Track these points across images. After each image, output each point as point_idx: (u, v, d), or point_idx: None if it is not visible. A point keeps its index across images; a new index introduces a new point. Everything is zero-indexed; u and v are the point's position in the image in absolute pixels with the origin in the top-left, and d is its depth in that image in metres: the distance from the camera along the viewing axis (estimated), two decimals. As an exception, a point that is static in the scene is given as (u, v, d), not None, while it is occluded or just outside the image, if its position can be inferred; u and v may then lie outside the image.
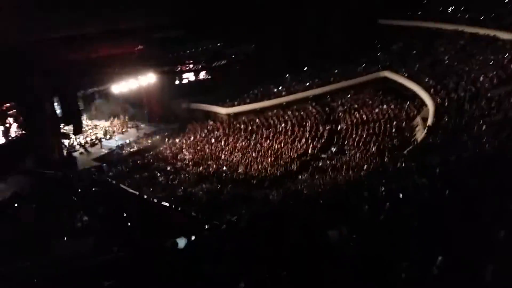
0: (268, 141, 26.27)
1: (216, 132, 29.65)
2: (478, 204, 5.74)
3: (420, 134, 20.75)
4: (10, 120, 22.88)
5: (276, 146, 25.23)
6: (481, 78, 21.83)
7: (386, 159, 19.19)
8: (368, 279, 4.22)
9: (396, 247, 4.55)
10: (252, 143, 26.52)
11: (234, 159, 25.01)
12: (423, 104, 24.12)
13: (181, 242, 7.72)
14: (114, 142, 30.03)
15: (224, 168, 24.12)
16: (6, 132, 22.50)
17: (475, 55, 25.11)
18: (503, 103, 17.50)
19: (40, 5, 20.44)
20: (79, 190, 19.67)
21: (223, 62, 35.04)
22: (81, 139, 29.59)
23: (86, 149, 28.60)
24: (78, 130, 27.22)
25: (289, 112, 29.21)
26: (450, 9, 30.84)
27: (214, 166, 24.52)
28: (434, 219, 5.09)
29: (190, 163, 25.55)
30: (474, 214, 5.28)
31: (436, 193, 6.66)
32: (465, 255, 4.03)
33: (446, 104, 21.27)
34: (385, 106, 26.11)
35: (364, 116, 25.77)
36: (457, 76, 23.97)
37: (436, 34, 29.72)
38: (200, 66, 35.12)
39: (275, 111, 30.07)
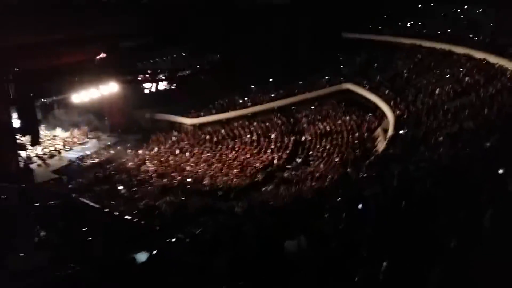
0: (234, 152, 26.23)
1: (180, 143, 29.31)
2: (433, 212, 5.93)
3: (381, 145, 21.32)
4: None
5: (241, 157, 25.21)
6: (438, 91, 22.79)
7: (348, 170, 19.55)
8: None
9: (352, 256, 4.62)
10: (218, 154, 26.40)
11: (199, 170, 24.75)
12: (383, 115, 24.85)
13: (141, 257, 7.52)
14: (74, 154, 29.04)
15: (189, 179, 23.81)
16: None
17: (432, 69, 26.24)
18: (458, 115, 18.31)
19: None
20: (37, 204, 18.87)
21: (188, 72, 34.82)
22: (39, 150, 28.43)
23: (44, 161, 27.48)
24: (35, 141, 26.16)
25: (255, 123, 29.34)
26: (408, 24, 32.20)
27: (179, 178, 24.15)
28: (389, 227, 5.21)
29: (154, 175, 25.03)
30: (428, 222, 5.43)
31: (393, 201, 6.83)
32: (412, 261, 4.14)
33: (405, 116, 22.01)
34: (347, 118, 26.72)
35: (327, 127, 26.26)
36: (415, 89, 24.93)
37: (396, 48, 30.86)
38: (164, 76, 34.74)
39: (240, 121, 30.13)
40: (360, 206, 6.42)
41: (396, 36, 31.21)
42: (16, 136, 25.76)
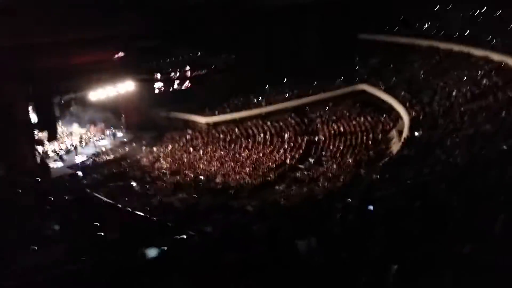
0: (247, 151, 26.28)
1: (194, 141, 29.48)
2: (448, 216, 5.85)
3: (395, 146, 21.13)
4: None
5: (254, 156, 25.25)
6: (455, 93, 22.45)
7: (362, 171, 19.43)
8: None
9: (361, 258, 4.59)
10: (231, 153, 26.48)
11: (212, 168, 24.89)
12: (399, 117, 24.60)
13: (152, 252, 7.58)
14: (90, 150, 29.48)
15: (202, 177, 23.96)
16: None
17: (449, 71, 25.85)
18: (475, 118, 18.02)
19: (16, 10, 20.08)
20: (52, 198, 19.20)
21: (203, 71, 34.99)
22: (56, 146, 28.93)
23: (61, 157, 27.95)
24: (52, 137, 26.61)
25: (268, 123, 29.32)
26: (426, 25, 31.77)
27: (192, 175, 24.32)
28: (403, 230, 5.17)
29: (167, 172, 25.28)
30: (443, 226, 5.36)
31: (408, 204, 6.76)
32: (426, 266, 4.10)
33: (421, 117, 21.76)
34: (362, 119, 26.53)
35: (341, 128, 26.12)
36: (431, 90, 24.61)
37: (412, 50, 30.50)
38: (180, 75, 34.96)
39: (254, 121, 30.14)
40: (371, 207, 6.38)
41: (413, 38, 30.85)
42: (34, 132, 26.25)
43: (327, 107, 29.54)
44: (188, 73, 35.45)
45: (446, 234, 5.11)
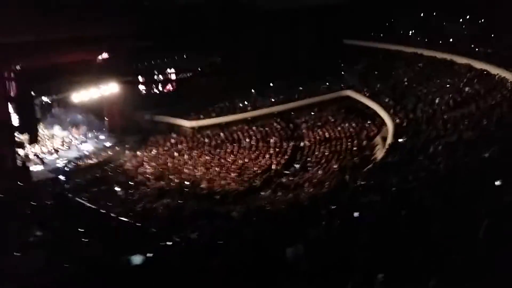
0: (232, 156, 26.21)
1: (179, 145, 29.26)
2: (431, 223, 5.92)
3: (379, 153, 21.34)
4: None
5: (240, 162, 25.19)
6: (438, 100, 22.86)
7: (346, 177, 19.55)
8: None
9: (345, 264, 4.61)
10: (216, 158, 26.36)
11: (197, 173, 24.71)
12: (383, 123, 24.90)
13: (137, 259, 7.48)
14: (72, 153, 28.97)
15: (187, 183, 23.76)
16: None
17: (433, 78, 26.34)
18: (458, 125, 18.35)
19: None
20: (33, 203, 18.81)
21: (188, 74, 34.84)
22: (36, 149, 28.35)
23: (42, 160, 27.40)
24: (33, 140, 26.07)
25: (254, 128, 29.34)
26: (410, 32, 32.35)
27: (176, 180, 24.10)
28: (385, 236, 5.21)
29: (151, 177, 24.98)
30: (426, 232, 5.42)
31: (391, 210, 6.82)
32: (408, 272, 4.13)
33: (404, 124, 22.06)
34: (347, 125, 26.78)
35: (326, 133, 26.31)
36: (415, 97, 25.00)
37: (396, 56, 30.99)
38: (165, 77, 34.75)
39: (240, 126, 30.13)
40: (356, 214, 6.42)
41: (397, 45, 31.35)
42: (15, 134, 25.70)
43: (312, 113, 29.76)
44: (174, 76, 35.28)
45: (431, 241, 5.17)
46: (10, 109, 25.28)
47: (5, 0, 19.83)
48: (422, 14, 33.03)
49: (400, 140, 19.98)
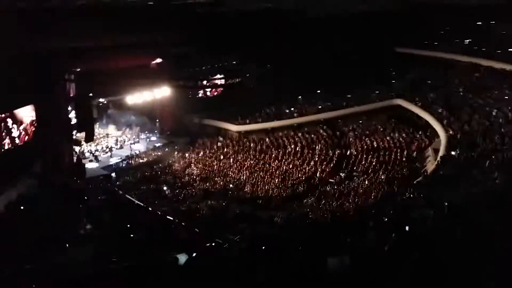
0: (277, 161, 26.21)
1: (225, 149, 29.70)
2: (484, 241, 5.61)
3: (430, 165, 20.55)
4: (24, 124, 23.16)
5: (284, 167, 25.13)
6: (495, 113, 21.69)
7: (395, 188, 18.98)
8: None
9: (395, 279, 4.46)
10: (261, 163, 26.47)
11: (242, 177, 24.95)
12: (435, 135, 23.96)
13: (182, 258, 7.65)
14: (124, 152, 30.23)
15: (231, 185, 24.07)
16: (20, 136, 22.78)
17: (490, 89, 25.03)
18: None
19: (61, 14, 20.95)
20: (86, 198, 19.79)
21: (237, 79, 35.35)
22: (92, 147, 29.85)
23: (96, 157, 28.81)
24: (89, 138, 27.47)
25: (300, 134, 29.20)
26: (467, 41, 30.96)
27: (221, 183, 24.48)
28: (437, 254, 5.00)
29: (197, 178, 25.55)
30: (479, 251, 5.16)
31: (443, 227, 6.54)
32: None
33: (458, 136, 21.12)
34: (396, 135, 26.00)
35: (375, 143, 25.66)
36: (471, 108, 23.86)
37: (451, 65, 29.74)
38: (214, 83, 35.49)
39: (285, 131, 30.10)
40: (407, 228, 6.22)
41: (453, 53, 30.10)
42: (73, 132, 27.21)
43: (361, 121, 29.15)
44: (222, 81, 35.96)
45: (488, 261, 4.90)
46: (70, 109, 26.86)
47: (66, 10, 21.08)
48: (479, 23, 31.48)
49: (453, 152, 19.12)
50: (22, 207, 16.83)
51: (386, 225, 7.51)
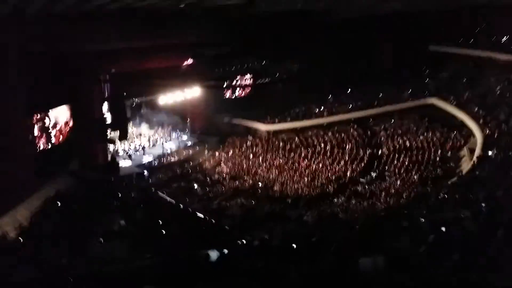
0: (306, 161, 26.10)
1: (254, 148, 29.83)
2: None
3: (466, 165, 19.94)
4: (61, 123, 24.01)
5: (313, 167, 25.02)
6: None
7: (428, 189, 18.53)
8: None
9: (433, 282, 4.37)
10: (290, 162, 26.45)
11: (271, 176, 25.02)
12: (471, 134, 23.21)
13: (213, 255, 7.76)
14: (156, 151, 30.87)
15: (260, 184, 24.15)
16: (56, 135, 23.63)
17: (529, 87, 24.01)
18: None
19: (95, 17, 21.55)
20: (119, 195, 20.32)
21: (266, 79, 35.40)
22: (125, 145, 30.62)
23: (129, 156, 29.54)
24: (123, 136, 28.20)
25: (329, 133, 28.94)
26: (504, 38, 29.77)
27: (250, 181, 24.63)
28: (476, 256, 4.85)
29: (227, 176, 25.80)
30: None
31: (480, 228, 6.34)
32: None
33: (495, 136, 20.38)
34: (430, 134, 25.32)
35: (407, 142, 25.10)
36: (508, 107, 22.96)
37: (487, 63, 28.68)
38: (244, 83, 35.68)
39: (315, 131, 29.90)
40: (443, 229, 6.08)
41: (489, 51, 28.99)
42: (107, 131, 28.01)
43: (392, 121, 28.58)
44: (252, 81, 36.10)
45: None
46: (104, 108, 27.64)
47: (102, 13, 21.63)
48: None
49: (489, 152, 18.47)
50: (59, 204, 17.44)
51: (421, 225, 7.36)
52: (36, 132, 21.26)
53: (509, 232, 5.17)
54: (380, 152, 25.48)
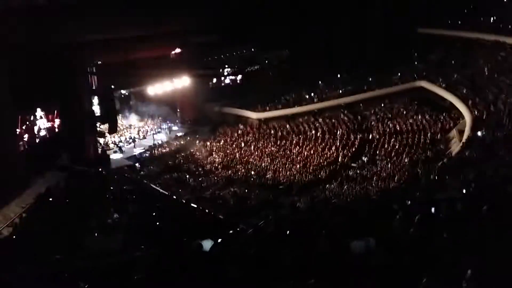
0: (298, 147, 26.17)
1: (246, 136, 29.82)
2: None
3: (455, 147, 20.13)
4: (50, 117, 23.75)
5: (305, 153, 25.10)
6: (523, 92, 20.98)
7: (418, 171, 18.71)
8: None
9: (423, 262, 4.43)
10: (282, 149, 26.50)
11: (263, 164, 25.06)
12: (460, 116, 23.39)
13: (207, 244, 7.78)
14: (147, 142, 30.75)
15: (253, 172, 24.21)
16: (45, 129, 23.39)
17: (517, 68, 24.15)
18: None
19: (80, 8, 21.22)
20: (112, 188, 20.24)
21: (256, 67, 35.25)
22: (116, 138, 30.44)
23: (120, 148, 29.39)
24: (113, 129, 28.06)
25: (320, 119, 29.00)
26: (492, 19, 29.84)
27: (243, 170, 24.66)
28: (466, 235, 4.93)
29: (219, 166, 25.80)
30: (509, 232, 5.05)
31: (470, 208, 6.42)
32: (496, 272, 3.87)
33: (484, 117, 20.55)
34: (419, 117, 25.48)
35: (397, 126, 25.25)
36: (496, 88, 23.13)
37: (476, 45, 28.78)
38: (233, 71, 35.51)
39: (306, 117, 29.93)
40: (433, 209, 6.15)
41: (477, 32, 29.06)
42: (96, 124, 27.79)
43: (382, 104, 28.67)
44: (241, 69, 35.93)
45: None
46: (93, 101, 27.38)
47: (85, 3, 21.30)
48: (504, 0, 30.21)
49: (479, 133, 18.65)
50: (50, 199, 17.34)
51: (412, 207, 7.44)
52: (24, 127, 21.02)
53: (493, 210, 5.27)
54: (370, 136, 25.61)
